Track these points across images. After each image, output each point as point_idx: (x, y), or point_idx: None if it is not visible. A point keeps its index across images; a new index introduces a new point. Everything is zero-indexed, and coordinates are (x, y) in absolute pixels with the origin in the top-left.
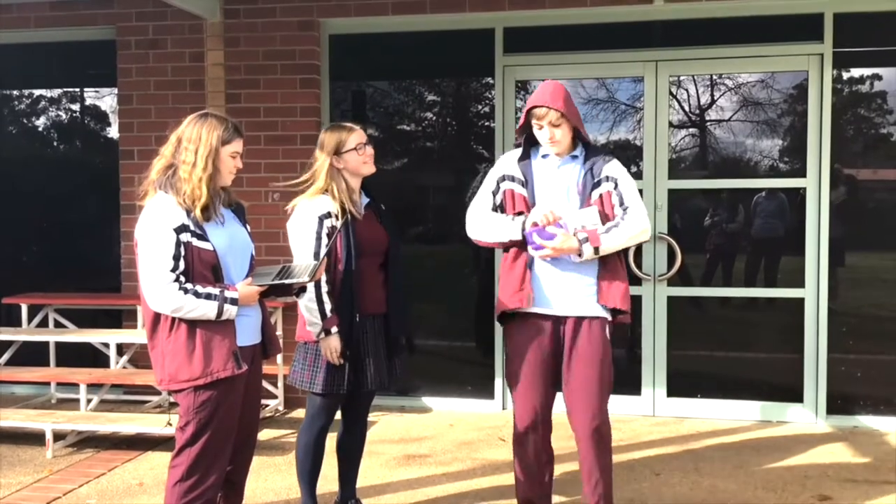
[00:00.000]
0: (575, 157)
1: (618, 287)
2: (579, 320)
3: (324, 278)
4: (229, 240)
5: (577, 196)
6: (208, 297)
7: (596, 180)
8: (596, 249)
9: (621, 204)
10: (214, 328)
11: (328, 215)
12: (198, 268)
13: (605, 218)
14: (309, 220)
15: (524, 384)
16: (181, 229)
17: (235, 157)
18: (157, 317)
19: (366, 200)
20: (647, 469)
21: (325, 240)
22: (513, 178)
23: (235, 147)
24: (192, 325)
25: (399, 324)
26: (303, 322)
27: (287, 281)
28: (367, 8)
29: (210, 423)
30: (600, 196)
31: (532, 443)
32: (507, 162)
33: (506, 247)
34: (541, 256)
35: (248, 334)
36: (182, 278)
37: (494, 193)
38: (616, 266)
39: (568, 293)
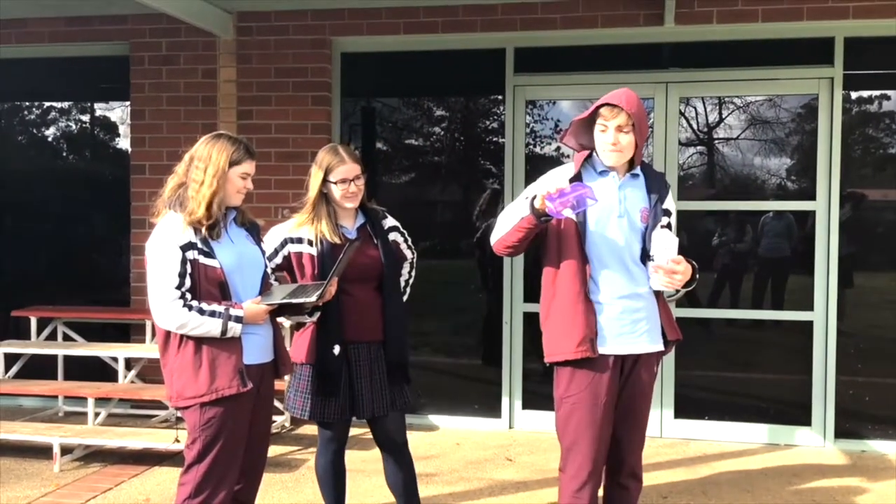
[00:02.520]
0: (636, 175)
1: (672, 317)
2: (639, 357)
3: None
4: (238, 258)
5: (641, 223)
6: (212, 314)
7: (663, 211)
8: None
9: None
10: (220, 346)
11: (299, 240)
12: (204, 285)
13: None
14: (270, 240)
15: (588, 428)
16: (188, 247)
17: (245, 178)
18: (167, 334)
19: (360, 222)
20: (655, 492)
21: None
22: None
23: (245, 168)
24: (199, 342)
25: (396, 351)
26: (294, 340)
27: (294, 300)
28: (378, 27)
29: (216, 441)
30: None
31: (588, 492)
32: (555, 177)
33: (523, 248)
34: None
35: (256, 353)
36: (188, 295)
37: (529, 199)
38: (661, 295)
39: (635, 329)
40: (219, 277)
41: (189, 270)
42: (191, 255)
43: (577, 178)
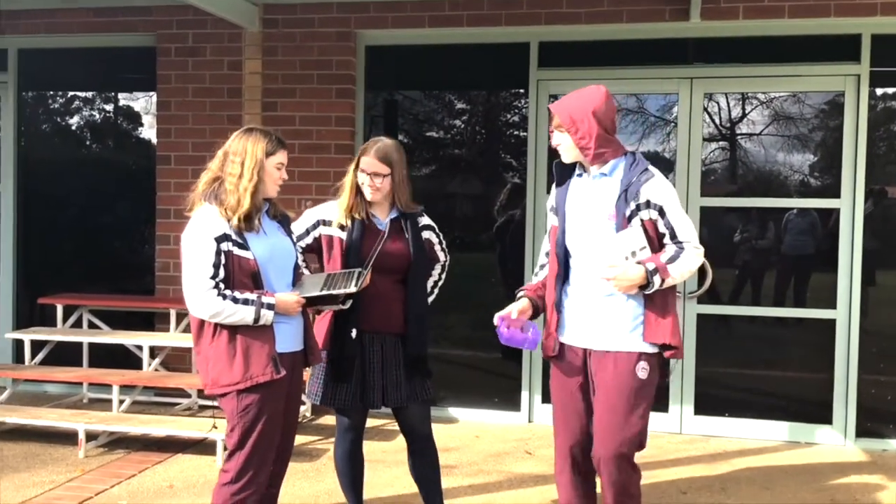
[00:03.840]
0: (604, 174)
1: (668, 321)
2: (605, 354)
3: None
4: (271, 249)
5: (611, 222)
6: (245, 302)
7: (635, 205)
8: (663, 281)
9: (673, 238)
10: (254, 334)
11: (330, 223)
12: (238, 276)
13: (650, 245)
14: (303, 220)
15: (556, 419)
16: (222, 238)
17: (280, 168)
18: (201, 323)
19: (394, 215)
20: (674, 488)
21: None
22: (554, 209)
23: (280, 158)
24: (233, 330)
25: (415, 344)
26: (315, 327)
27: (333, 292)
28: (403, 20)
29: (255, 427)
30: (641, 222)
31: (567, 477)
32: (552, 191)
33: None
34: (616, 287)
35: (287, 341)
36: (221, 285)
37: (546, 232)
38: (666, 297)
39: (598, 325)
40: (252, 269)
41: (223, 261)
42: (225, 246)
43: (560, 181)
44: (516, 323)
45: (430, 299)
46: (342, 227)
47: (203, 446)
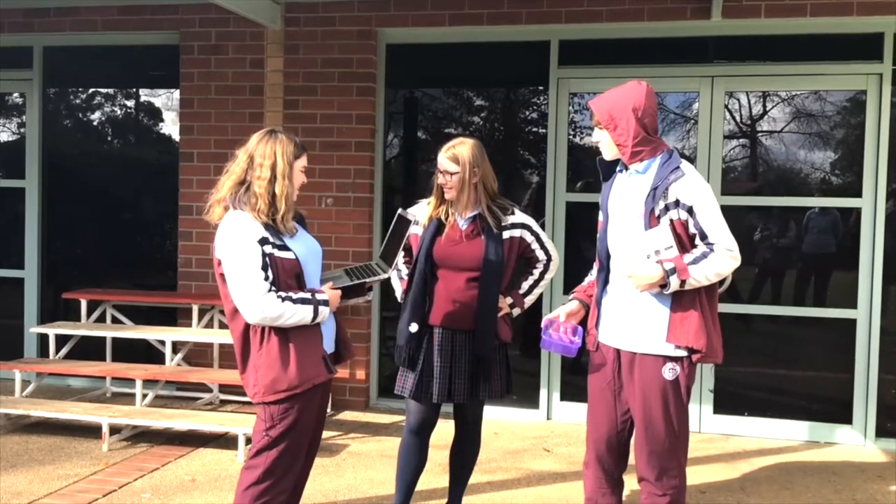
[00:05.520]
0: (640, 171)
1: (692, 323)
2: (634, 356)
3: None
4: (306, 248)
5: (641, 220)
6: (303, 301)
7: (664, 205)
8: (683, 283)
9: (704, 238)
10: (305, 336)
11: (417, 223)
12: (282, 277)
13: (679, 245)
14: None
15: (588, 414)
16: (263, 242)
17: (303, 171)
18: (247, 331)
19: (474, 213)
20: (693, 488)
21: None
22: (601, 206)
23: (304, 162)
24: (284, 335)
25: (482, 344)
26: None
27: (368, 280)
28: (424, 19)
29: (292, 429)
30: (671, 222)
31: (593, 471)
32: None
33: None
34: (635, 286)
35: (328, 342)
36: (273, 288)
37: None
38: (695, 299)
39: (628, 326)
40: (295, 268)
41: (269, 264)
42: (267, 249)
43: (606, 176)
44: (565, 325)
45: (529, 299)
46: (417, 223)
47: (225, 441)
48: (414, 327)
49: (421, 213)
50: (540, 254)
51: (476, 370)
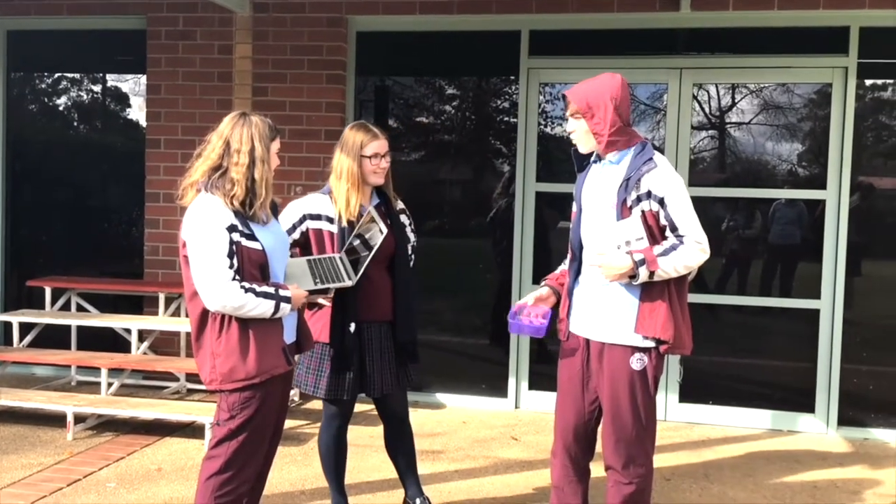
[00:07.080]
0: (613, 161)
1: (660, 314)
2: (603, 346)
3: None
4: (274, 239)
5: (613, 211)
6: (265, 295)
7: (636, 196)
8: (652, 274)
9: (674, 230)
10: (266, 327)
11: (318, 217)
12: (247, 267)
13: (650, 236)
14: (288, 215)
15: (558, 400)
16: (231, 229)
17: (277, 154)
18: (203, 317)
19: (375, 202)
20: (658, 474)
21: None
22: (574, 197)
23: (278, 144)
24: (245, 324)
25: (404, 331)
26: (309, 319)
27: (332, 286)
28: (394, 6)
29: (252, 419)
30: (642, 213)
31: (560, 459)
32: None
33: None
34: (604, 275)
35: (289, 333)
36: (237, 277)
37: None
38: (663, 290)
39: (598, 316)
40: (261, 259)
41: (235, 252)
42: (234, 237)
43: (580, 168)
44: (535, 311)
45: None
46: (330, 220)
47: (191, 430)
48: (353, 327)
49: (318, 206)
50: (411, 236)
51: (401, 359)
